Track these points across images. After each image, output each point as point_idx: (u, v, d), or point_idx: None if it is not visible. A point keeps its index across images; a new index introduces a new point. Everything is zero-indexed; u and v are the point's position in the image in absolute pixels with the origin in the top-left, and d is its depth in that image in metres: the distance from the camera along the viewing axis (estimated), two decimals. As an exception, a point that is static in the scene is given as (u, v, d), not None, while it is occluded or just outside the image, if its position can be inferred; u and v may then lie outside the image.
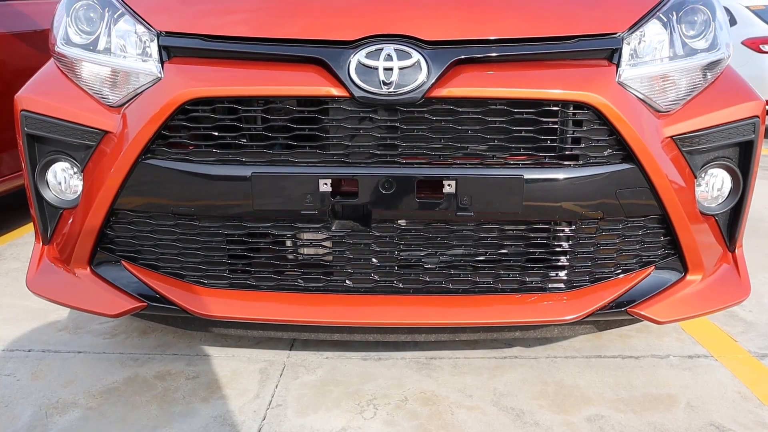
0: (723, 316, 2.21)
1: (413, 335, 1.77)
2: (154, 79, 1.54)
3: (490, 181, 1.49)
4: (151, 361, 1.92)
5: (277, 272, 1.65)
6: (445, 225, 1.59)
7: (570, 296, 1.65)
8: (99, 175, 1.58)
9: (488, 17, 1.56)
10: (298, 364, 1.90)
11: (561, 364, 1.90)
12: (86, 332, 2.09)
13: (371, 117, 1.50)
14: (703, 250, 1.68)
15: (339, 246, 1.61)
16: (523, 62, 1.52)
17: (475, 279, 1.64)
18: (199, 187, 1.53)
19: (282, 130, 1.53)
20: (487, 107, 1.50)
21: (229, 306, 1.63)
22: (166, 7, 1.63)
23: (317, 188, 1.48)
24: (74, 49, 1.65)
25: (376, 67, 1.45)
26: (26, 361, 1.92)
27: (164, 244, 1.64)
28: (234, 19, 1.59)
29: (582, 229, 1.61)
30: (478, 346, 1.99)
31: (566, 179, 1.51)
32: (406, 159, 1.52)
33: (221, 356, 1.94)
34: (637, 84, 1.55)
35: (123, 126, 1.56)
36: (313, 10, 1.57)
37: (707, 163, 1.65)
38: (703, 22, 1.65)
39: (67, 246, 1.70)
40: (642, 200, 1.57)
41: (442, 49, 1.48)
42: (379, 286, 1.64)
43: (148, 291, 1.66)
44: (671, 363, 1.92)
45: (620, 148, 1.53)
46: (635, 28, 1.57)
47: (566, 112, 1.51)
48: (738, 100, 1.66)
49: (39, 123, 1.64)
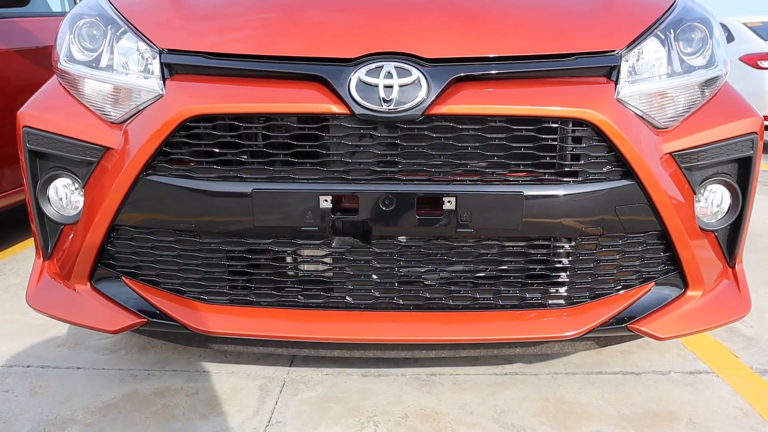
0: (724, 332, 2.21)
1: (413, 351, 1.76)
2: (156, 96, 1.55)
3: (490, 198, 1.49)
4: (151, 377, 1.91)
5: (278, 288, 1.64)
6: (445, 241, 1.59)
7: (570, 312, 1.64)
8: (100, 191, 1.59)
9: (487, 35, 1.57)
10: (298, 380, 1.89)
11: (562, 381, 1.90)
12: (85, 348, 2.09)
13: (371, 134, 1.51)
14: (703, 266, 1.68)
15: (339, 262, 1.61)
16: (523, 79, 1.53)
17: (475, 295, 1.63)
18: (199, 203, 1.53)
19: (283, 147, 1.54)
20: (486, 124, 1.51)
21: (229, 322, 1.63)
22: (168, 25, 1.64)
23: (318, 205, 1.49)
24: (77, 66, 1.66)
25: (377, 85, 1.46)
26: (25, 377, 1.92)
27: (165, 259, 1.64)
28: (235, 36, 1.60)
29: (582, 245, 1.61)
30: (479, 363, 1.98)
31: (566, 195, 1.51)
32: (406, 176, 1.52)
33: (221, 372, 1.93)
34: (636, 101, 1.56)
35: (124, 142, 1.57)
36: (314, 28, 1.58)
37: (706, 179, 1.66)
38: (701, 40, 1.67)
39: (67, 261, 1.70)
40: (641, 216, 1.58)
41: (441, 67, 1.49)
42: (380, 303, 1.63)
43: (148, 307, 1.65)
44: (673, 379, 1.91)
45: (619, 165, 1.54)
46: (633, 45, 1.59)
47: (565, 129, 1.52)
48: (736, 116, 1.67)
49: (41, 139, 1.65)
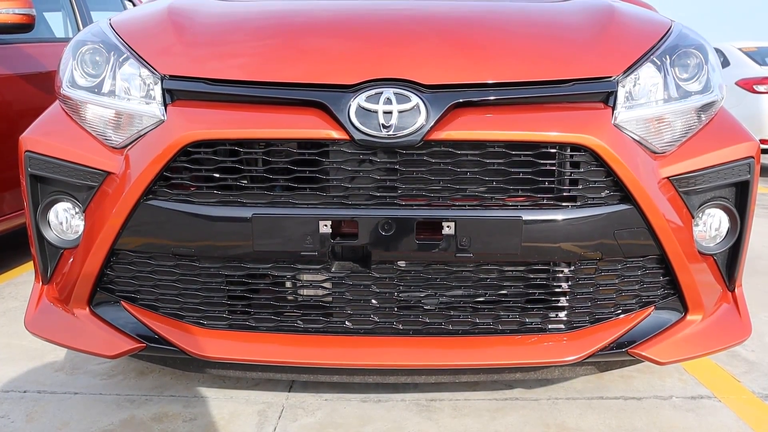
0: (725, 356, 2.20)
1: (413, 377, 1.75)
2: (157, 122, 1.57)
3: (489, 223, 1.50)
4: (148, 402, 1.90)
5: (277, 313, 1.64)
6: (445, 266, 1.59)
7: (570, 337, 1.64)
8: (100, 215, 1.59)
9: (485, 61, 1.59)
10: (297, 405, 1.88)
11: (563, 406, 1.88)
12: (83, 373, 2.07)
13: (371, 159, 1.52)
14: (703, 290, 1.68)
15: (339, 287, 1.61)
16: (521, 105, 1.55)
17: (474, 320, 1.63)
18: (199, 227, 1.54)
19: (282, 172, 1.54)
20: (485, 149, 1.52)
21: (228, 347, 1.62)
22: (170, 51, 1.66)
23: (317, 229, 1.49)
24: (79, 91, 1.68)
25: (376, 111, 1.47)
26: (21, 402, 1.90)
27: (164, 284, 1.64)
28: (236, 62, 1.62)
29: (581, 270, 1.61)
30: (479, 388, 1.97)
31: (564, 220, 1.52)
32: (406, 200, 1.53)
33: (219, 398, 1.92)
34: (633, 126, 1.58)
35: (125, 167, 1.58)
36: (314, 55, 1.60)
37: (704, 203, 1.66)
38: (696, 65, 1.69)
39: (66, 286, 1.70)
40: (640, 240, 1.58)
41: (440, 93, 1.51)
42: (379, 328, 1.63)
43: (147, 332, 1.65)
44: (674, 404, 1.90)
45: (617, 189, 1.55)
46: (630, 71, 1.61)
47: (563, 154, 1.53)
48: (732, 141, 1.69)
49: (43, 164, 1.66)
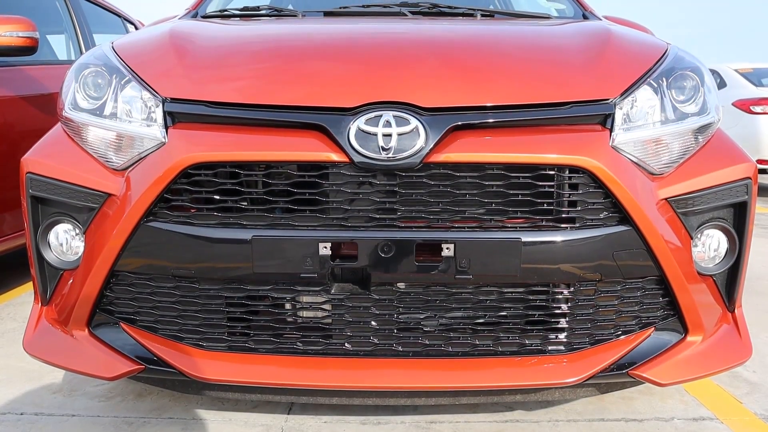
0: (727, 377, 2.19)
1: (413, 399, 1.74)
2: (158, 144, 1.58)
3: (488, 244, 1.50)
4: (146, 425, 1.88)
5: (276, 335, 1.64)
6: (444, 288, 1.59)
7: (570, 359, 1.63)
8: (101, 236, 1.60)
9: (484, 84, 1.61)
10: (296, 428, 1.86)
11: (563, 428, 1.87)
12: (81, 395, 2.06)
13: (370, 181, 1.52)
14: (703, 311, 1.68)
15: (338, 309, 1.61)
16: (519, 128, 1.56)
17: (474, 342, 1.62)
18: (200, 249, 1.54)
19: (282, 194, 1.55)
20: (484, 171, 1.53)
21: (227, 369, 1.61)
22: (172, 74, 1.68)
23: (317, 251, 1.49)
24: (81, 113, 1.69)
25: (376, 134, 1.48)
26: (18, 424, 1.88)
27: (163, 306, 1.64)
28: (237, 86, 1.64)
29: (581, 291, 1.61)
30: (479, 410, 1.96)
31: (563, 242, 1.52)
32: (405, 222, 1.53)
33: (218, 420, 1.91)
34: (631, 148, 1.59)
35: (126, 189, 1.58)
36: (314, 78, 1.62)
37: (703, 224, 1.67)
38: (693, 88, 1.70)
39: (66, 307, 1.69)
40: (639, 261, 1.58)
41: (439, 116, 1.52)
42: (379, 350, 1.62)
43: (146, 353, 1.64)
44: (676, 426, 1.88)
45: (616, 211, 1.55)
46: (627, 93, 1.62)
47: (562, 176, 1.54)
48: (730, 162, 1.70)
49: (44, 185, 1.67)
